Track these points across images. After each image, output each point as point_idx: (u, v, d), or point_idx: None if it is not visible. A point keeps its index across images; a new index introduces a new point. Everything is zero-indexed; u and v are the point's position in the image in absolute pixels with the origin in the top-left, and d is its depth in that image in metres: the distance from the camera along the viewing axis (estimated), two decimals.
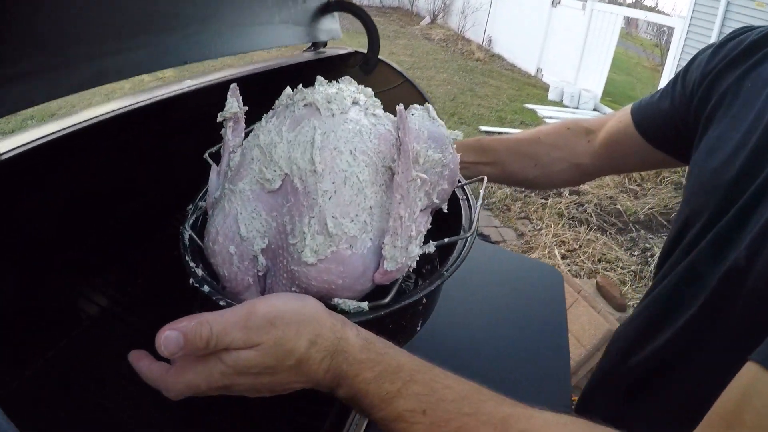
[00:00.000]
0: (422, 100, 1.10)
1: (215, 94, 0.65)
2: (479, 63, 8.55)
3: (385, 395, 0.43)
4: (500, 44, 9.46)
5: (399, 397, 0.43)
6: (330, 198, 0.52)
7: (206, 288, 0.54)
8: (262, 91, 0.66)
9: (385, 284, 0.55)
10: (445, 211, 0.66)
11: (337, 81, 0.64)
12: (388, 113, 0.62)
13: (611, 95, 7.27)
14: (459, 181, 0.69)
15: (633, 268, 3.24)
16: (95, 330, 0.80)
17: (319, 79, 0.61)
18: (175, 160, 0.72)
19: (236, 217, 0.56)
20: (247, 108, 0.62)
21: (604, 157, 0.88)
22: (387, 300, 0.54)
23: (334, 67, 1.20)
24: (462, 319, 0.82)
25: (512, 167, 0.91)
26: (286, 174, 0.54)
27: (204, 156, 0.66)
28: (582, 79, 7.34)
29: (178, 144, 0.72)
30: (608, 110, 6.45)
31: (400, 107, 0.52)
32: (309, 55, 1.15)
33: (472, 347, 0.78)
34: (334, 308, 0.54)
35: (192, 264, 0.57)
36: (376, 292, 0.57)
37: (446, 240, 0.60)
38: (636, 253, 3.44)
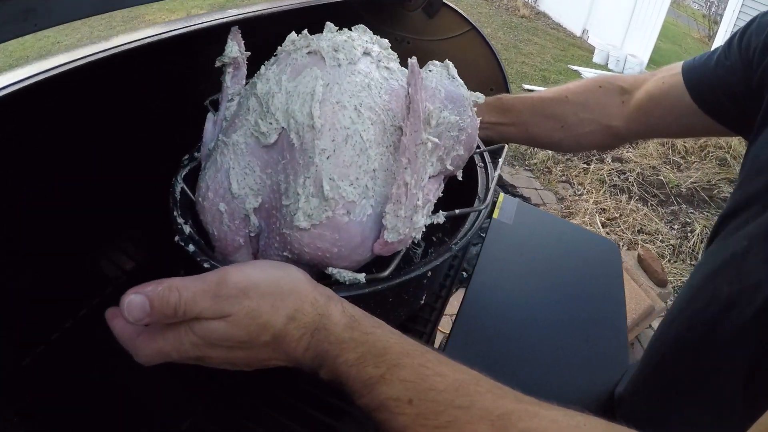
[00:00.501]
0: (489, 51, 1.02)
1: (244, 29, 0.57)
2: (524, 20, 8.13)
3: (367, 380, 0.38)
4: (546, 2, 8.99)
5: (382, 383, 0.38)
6: (328, 157, 0.47)
7: (191, 247, 0.50)
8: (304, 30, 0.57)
9: (386, 255, 0.50)
10: (460, 178, 0.60)
11: (350, 29, 0.58)
12: (405, 68, 0.56)
13: (657, 63, 6.83)
14: (478, 147, 0.63)
15: (672, 242, 3.11)
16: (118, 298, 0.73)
17: (329, 25, 0.55)
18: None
19: (228, 172, 0.51)
20: (249, 53, 0.57)
21: (640, 120, 0.79)
22: (386, 273, 0.49)
23: (390, 8, 1.08)
24: (511, 287, 0.76)
25: (536, 129, 0.83)
26: (282, 128, 0.49)
27: (205, 103, 0.61)
28: (629, 44, 6.99)
29: (212, 83, 0.65)
30: None
31: (412, 60, 0.46)
32: None
33: (522, 319, 0.72)
34: (328, 278, 0.50)
35: (180, 220, 0.53)
36: (377, 262, 0.52)
37: (457, 211, 0.55)
38: (676, 227, 3.29)
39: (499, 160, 0.60)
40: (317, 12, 0.59)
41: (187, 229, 0.52)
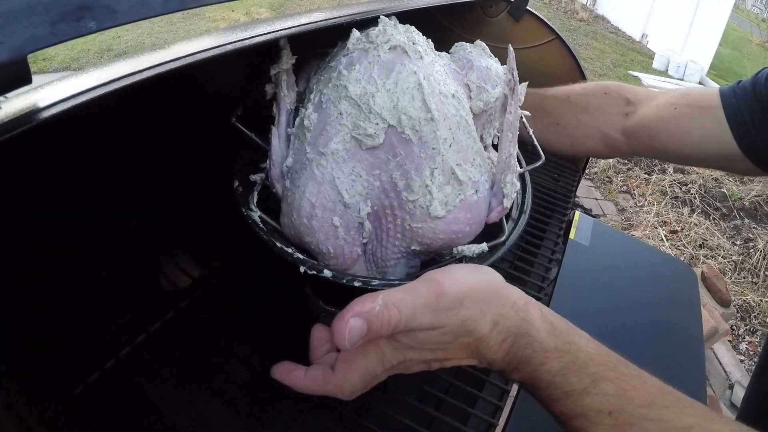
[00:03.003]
0: (573, 62, 0.97)
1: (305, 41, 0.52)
2: (582, 23, 7.73)
3: (570, 390, 0.40)
4: (605, 5, 8.51)
5: (586, 394, 0.40)
6: (450, 145, 0.49)
7: (328, 273, 0.48)
8: None
9: (496, 222, 0.55)
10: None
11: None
12: (443, 52, 0.59)
13: (717, 69, 6.68)
14: None
15: (734, 258, 2.95)
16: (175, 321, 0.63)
17: (383, 19, 0.54)
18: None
19: (333, 183, 0.49)
20: (296, 56, 0.54)
21: (643, 138, 0.77)
22: (504, 237, 0.54)
23: (470, 15, 1.00)
24: (588, 316, 0.71)
25: (531, 122, 0.78)
26: (389, 125, 0.49)
27: (232, 121, 0.56)
28: (689, 50, 6.64)
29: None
30: (714, 84, 5.43)
31: (511, 48, 0.52)
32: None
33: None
34: (453, 257, 0.53)
35: (290, 249, 0.49)
36: None
37: (524, 168, 0.62)
38: (738, 242, 3.13)
39: (531, 133, 0.67)
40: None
41: (302, 255, 0.49)
